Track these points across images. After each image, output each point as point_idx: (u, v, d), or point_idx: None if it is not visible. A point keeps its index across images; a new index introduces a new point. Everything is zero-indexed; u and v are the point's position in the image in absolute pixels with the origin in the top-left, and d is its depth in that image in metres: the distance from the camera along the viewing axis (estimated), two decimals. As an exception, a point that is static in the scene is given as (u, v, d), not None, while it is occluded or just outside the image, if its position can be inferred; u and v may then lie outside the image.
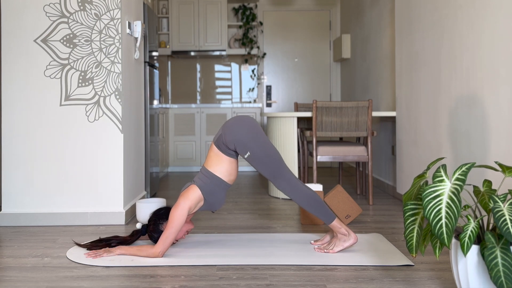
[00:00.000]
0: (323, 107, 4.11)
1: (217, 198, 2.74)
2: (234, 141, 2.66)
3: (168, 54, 7.08)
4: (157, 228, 2.72)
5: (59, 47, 3.44)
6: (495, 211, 1.69)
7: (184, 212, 2.60)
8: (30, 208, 3.45)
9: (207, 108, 6.74)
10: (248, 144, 2.65)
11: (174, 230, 2.57)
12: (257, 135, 2.69)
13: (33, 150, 3.45)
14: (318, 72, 7.32)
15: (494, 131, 2.66)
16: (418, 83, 3.79)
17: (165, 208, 2.81)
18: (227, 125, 2.72)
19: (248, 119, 2.75)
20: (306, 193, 2.68)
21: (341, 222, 2.70)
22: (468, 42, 2.96)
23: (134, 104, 3.91)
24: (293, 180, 2.69)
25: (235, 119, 2.74)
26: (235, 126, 2.69)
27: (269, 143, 2.72)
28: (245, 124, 2.70)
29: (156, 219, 2.75)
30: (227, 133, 2.68)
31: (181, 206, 2.61)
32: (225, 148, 2.70)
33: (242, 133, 2.66)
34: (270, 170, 2.67)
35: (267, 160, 2.66)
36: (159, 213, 2.77)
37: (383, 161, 5.00)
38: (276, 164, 2.68)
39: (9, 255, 2.71)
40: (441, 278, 2.28)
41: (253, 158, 2.66)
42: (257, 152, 2.66)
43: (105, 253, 2.61)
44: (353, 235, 2.67)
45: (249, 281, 2.24)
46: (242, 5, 7.21)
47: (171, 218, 2.58)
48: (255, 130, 2.70)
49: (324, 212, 2.67)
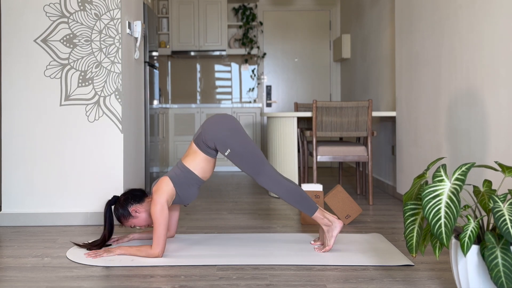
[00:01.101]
0: (323, 107, 4.11)
1: (189, 192, 2.74)
2: (214, 139, 2.67)
3: (168, 54, 7.08)
4: (125, 205, 2.71)
5: (59, 47, 3.44)
6: (495, 211, 1.69)
7: (164, 207, 2.59)
8: (30, 208, 3.45)
9: (207, 108, 6.74)
10: (228, 141, 2.67)
11: (163, 226, 2.56)
12: (237, 132, 2.71)
13: (33, 150, 3.45)
14: (318, 72, 7.32)
15: (494, 131, 2.66)
16: (418, 83, 3.79)
17: (143, 191, 2.80)
18: (206, 123, 2.74)
19: (228, 116, 2.77)
20: (289, 187, 2.69)
21: (323, 212, 2.71)
22: (468, 42, 2.96)
23: (134, 104, 3.91)
24: (274, 176, 2.70)
25: (215, 117, 2.75)
26: (214, 124, 2.70)
27: (249, 139, 2.73)
28: (225, 122, 2.72)
29: (129, 197, 2.73)
30: (207, 131, 2.69)
31: (158, 201, 2.59)
32: (204, 147, 2.71)
33: (222, 130, 2.68)
34: (251, 166, 2.68)
35: (247, 157, 2.68)
36: (135, 193, 2.76)
37: (383, 161, 5.00)
38: (257, 160, 2.69)
39: (9, 255, 2.71)
40: (441, 278, 2.28)
41: (233, 155, 2.68)
42: (237, 149, 2.67)
43: (105, 253, 2.61)
44: (336, 221, 2.69)
45: (249, 281, 2.24)
46: (242, 5, 7.21)
47: (154, 217, 2.57)
48: (234, 128, 2.71)
49: (306, 204, 2.69)
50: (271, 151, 4.63)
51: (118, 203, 2.74)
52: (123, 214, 2.71)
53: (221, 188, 5.16)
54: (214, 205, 4.18)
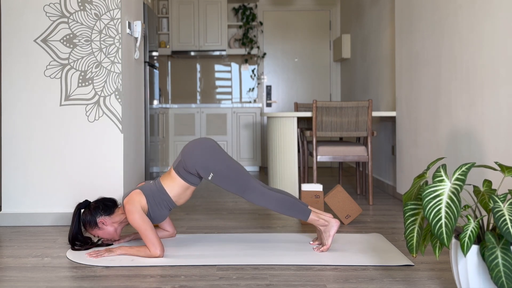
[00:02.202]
0: (323, 107, 4.11)
1: (159, 212, 2.72)
2: (194, 165, 2.66)
3: (168, 54, 7.08)
4: (94, 213, 2.69)
5: (59, 47, 3.44)
6: (495, 211, 1.69)
7: (141, 213, 2.57)
8: (30, 208, 3.45)
9: (207, 108, 6.74)
10: (209, 165, 2.65)
11: (150, 230, 2.55)
12: (216, 154, 2.69)
13: (33, 150, 3.45)
14: (318, 72, 7.32)
15: (494, 131, 2.66)
16: (418, 83, 3.79)
17: (114, 202, 2.78)
18: (185, 150, 2.72)
19: (206, 140, 2.75)
20: (277, 197, 2.67)
21: (317, 213, 2.70)
22: (468, 42, 2.96)
23: (134, 104, 3.91)
24: (261, 189, 2.68)
25: (193, 143, 2.74)
26: (193, 150, 2.68)
27: (230, 158, 2.72)
28: (203, 146, 2.70)
29: (100, 206, 2.72)
30: (186, 158, 2.67)
31: (133, 210, 2.57)
32: (185, 173, 2.70)
33: (202, 155, 2.66)
34: (237, 185, 2.67)
35: (231, 176, 2.66)
36: (106, 203, 2.75)
37: (383, 161, 5.00)
38: (242, 178, 2.67)
39: (9, 255, 2.71)
40: (441, 278, 2.28)
41: (217, 178, 2.66)
42: (220, 171, 2.65)
43: (106, 253, 2.61)
44: (332, 220, 2.68)
45: (249, 281, 2.24)
46: (242, 5, 7.21)
47: (137, 225, 2.56)
48: (213, 150, 2.70)
49: (298, 211, 2.68)
50: (271, 151, 4.63)
51: (88, 209, 2.74)
52: (90, 222, 2.71)
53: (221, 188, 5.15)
54: (214, 205, 4.18)
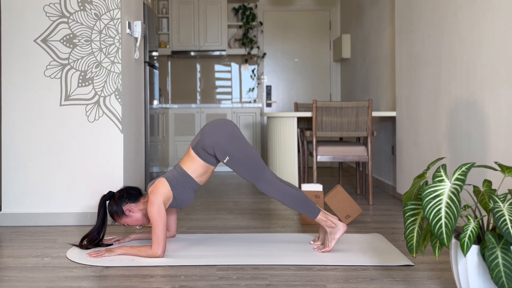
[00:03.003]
0: (323, 107, 4.11)
1: (185, 196, 2.73)
2: (213, 146, 2.66)
3: (168, 54, 7.08)
4: (119, 202, 2.70)
5: (59, 47, 3.44)
6: (495, 211, 1.69)
7: (161, 207, 2.58)
8: (30, 208, 3.45)
9: (207, 108, 6.74)
10: (227, 148, 2.65)
11: (161, 227, 2.56)
12: (236, 139, 2.68)
13: (33, 150, 3.45)
14: (318, 72, 7.32)
15: (494, 131, 2.66)
16: (418, 83, 3.79)
17: (139, 191, 2.79)
18: (205, 129, 2.71)
19: (226, 122, 2.74)
20: (289, 192, 2.68)
21: (325, 214, 2.69)
22: (468, 42, 2.96)
23: (134, 104, 3.91)
24: (274, 181, 2.68)
25: (213, 123, 2.73)
26: (213, 131, 2.68)
27: (248, 145, 2.71)
28: (223, 128, 2.69)
29: (124, 195, 2.72)
30: (205, 137, 2.67)
31: (155, 202, 2.58)
32: (203, 153, 2.70)
33: (221, 137, 2.66)
34: (251, 173, 2.67)
35: (247, 163, 2.66)
36: (131, 191, 2.75)
37: (383, 161, 5.00)
38: (257, 166, 2.67)
39: (9, 255, 2.71)
40: (441, 278, 2.28)
41: (232, 162, 2.66)
42: (236, 156, 2.65)
43: (106, 253, 2.61)
44: (340, 224, 2.68)
45: (249, 281, 2.24)
46: (242, 5, 7.21)
47: (152, 217, 2.56)
48: (233, 133, 2.69)
49: (308, 208, 2.68)
50: (271, 151, 4.63)
51: (112, 199, 2.73)
52: (117, 212, 2.71)
53: (221, 188, 5.16)
54: (214, 205, 4.18)
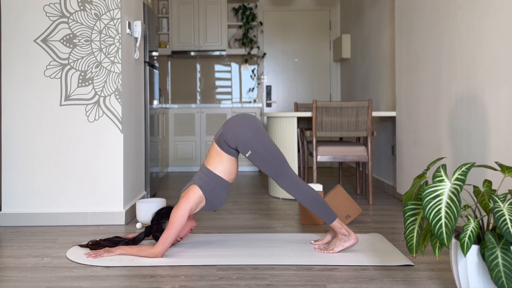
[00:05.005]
0: (323, 107, 4.11)
1: (218, 197, 2.73)
2: (235, 140, 2.66)
3: (168, 54, 7.08)
4: (160, 228, 2.72)
5: (59, 47, 3.44)
6: (495, 211, 1.69)
7: (185, 213, 2.60)
8: (30, 208, 3.45)
9: (207, 108, 6.74)
10: (249, 142, 2.65)
11: (175, 231, 2.57)
12: (258, 134, 2.69)
13: (33, 150, 3.45)
14: (318, 72, 7.32)
15: (494, 131, 2.66)
16: (418, 83, 3.79)
17: (167, 207, 2.81)
18: (228, 123, 2.72)
19: (250, 117, 2.75)
20: (309, 192, 2.68)
21: (342, 222, 2.70)
22: (468, 42, 2.96)
23: (134, 104, 3.91)
24: (295, 179, 2.69)
25: (237, 118, 2.74)
26: (236, 125, 2.69)
27: (270, 141, 2.72)
28: (247, 123, 2.70)
29: (159, 219, 2.75)
30: (228, 131, 2.68)
31: (182, 207, 2.61)
32: (226, 147, 2.70)
33: (243, 131, 2.66)
34: (272, 168, 2.67)
35: (269, 158, 2.67)
36: (162, 212, 2.78)
37: (383, 161, 5.00)
38: (279, 162, 2.68)
39: (9, 255, 2.71)
40: (441, 278, 2.28)
41: (254, 156, 2.67)
42: (259, 151, 2.66)
43: (105, 253, 2.61)
44: (353, 235, 2.67)
45: (249, 281, 2.24)
46: (242, 5, 7.21)
47: (172, 219, 2.58)
48: (256, 129, 2.70)
49: (326, 211, 2.67)
50: (271, 151, 4.63)
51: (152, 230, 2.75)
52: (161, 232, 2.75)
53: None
54: (214, 205, 4.18)
